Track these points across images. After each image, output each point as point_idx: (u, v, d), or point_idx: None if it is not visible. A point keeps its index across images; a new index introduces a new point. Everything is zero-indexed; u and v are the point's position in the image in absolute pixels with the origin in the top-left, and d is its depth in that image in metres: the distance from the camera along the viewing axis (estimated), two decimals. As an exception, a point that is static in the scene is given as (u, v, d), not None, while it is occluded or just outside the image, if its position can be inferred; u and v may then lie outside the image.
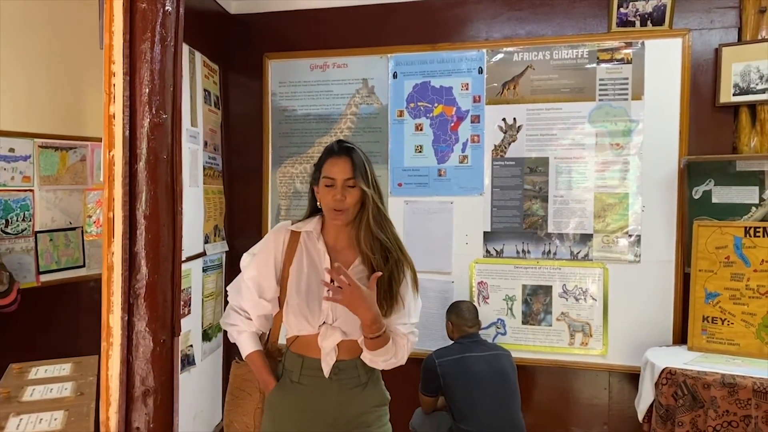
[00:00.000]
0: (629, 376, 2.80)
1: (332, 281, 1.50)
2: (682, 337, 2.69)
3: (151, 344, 1.02)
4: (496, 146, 2.94)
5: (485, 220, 2.96)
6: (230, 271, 3.18)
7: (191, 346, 2.77)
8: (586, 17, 2.85)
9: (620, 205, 2.80)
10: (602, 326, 2.82)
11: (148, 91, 1.01)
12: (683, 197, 2.72)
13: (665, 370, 2.33)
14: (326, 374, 1.57)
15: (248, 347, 1.67)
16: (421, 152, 3.03)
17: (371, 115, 3.09)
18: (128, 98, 1.00)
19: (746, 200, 2.63)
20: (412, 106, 3.04)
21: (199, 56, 2.86)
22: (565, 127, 2.86)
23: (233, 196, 3.27)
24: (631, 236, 2.79)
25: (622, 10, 2.77)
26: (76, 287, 3.14)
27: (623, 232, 2.80)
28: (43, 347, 2.81)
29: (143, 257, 1.01)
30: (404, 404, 2.38)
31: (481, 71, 2.95)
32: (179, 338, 1.11)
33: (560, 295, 2.87)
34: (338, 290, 1.46)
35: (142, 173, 1.01)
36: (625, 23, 2.78)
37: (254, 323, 1.67)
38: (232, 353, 3.13)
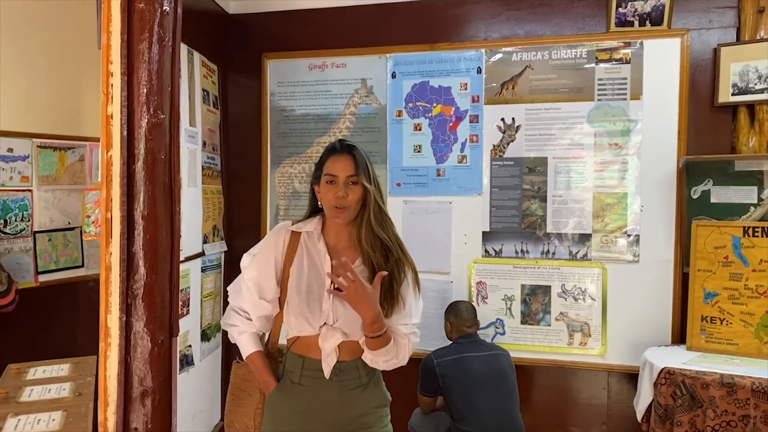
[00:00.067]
0: (628, 375, 2.80)
1: (332, 282, 1.50)
2: (680, 336, 2.69)
3: (149, 345, 1.02)
4: (494, 146, 2.94)
5: (484, 220, 2.96)
6: (229, 271, 3.18)
7: (190, 346, 2.76)
8: (584, 17, 2.85)
9: (619, 204, 2.80)
10: (601, 326, 2.82)
11: (146, 91, 1.01)
12: (682, 197, 2.72)
13: (664, 369, 2.33)
14: (327, 375, 1.57)
15: (249, 348, 1.66)
16: (419, 152, 3.03)
17: (370, 115, 3.09)
18: (126, 98, 1.00)
19: (745, 200, 2.63)
20: (410, 106, 3.04)
21: (197, 56, 2.86)
22: (563, 127, 2.86)
23: (232, 196, 3.26)
24: (629, 236, 2.79)
25: (620, 9, 2.77)
26: (74, 287, 3.14)
27: (622, 231, 2.80)
28: (41, 347, 2.81)
29: (141, 257, 1.01)
30: (404, 404, 2.38)
31: (479, 71, 2.95)
32: (177, 338, 1.11)
33: (559, 295, 2.87)
34: (342, 287, 1.46)
35: (140, 173, 1.01)
36: (623, 23, 2.78)
37: (255, 324, 1.66)
38: (231, 353, 3.14)
